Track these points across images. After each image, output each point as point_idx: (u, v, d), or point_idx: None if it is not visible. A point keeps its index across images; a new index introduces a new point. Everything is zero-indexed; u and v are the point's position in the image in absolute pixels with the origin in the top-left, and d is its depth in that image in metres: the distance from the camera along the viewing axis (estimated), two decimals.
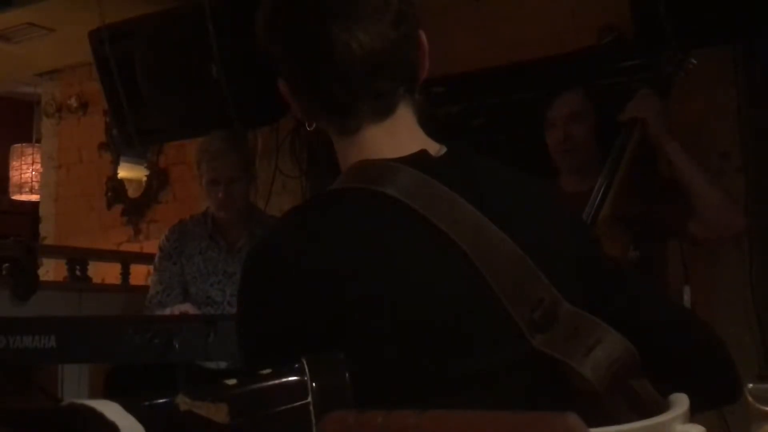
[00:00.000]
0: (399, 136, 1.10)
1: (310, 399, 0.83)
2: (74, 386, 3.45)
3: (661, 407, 0.96)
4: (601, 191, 2.31)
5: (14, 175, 6.01)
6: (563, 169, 2.53)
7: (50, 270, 4.86)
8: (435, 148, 1.11)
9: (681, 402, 0.95)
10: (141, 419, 0.76)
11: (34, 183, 5.90)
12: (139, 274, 4.13)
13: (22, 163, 5.97)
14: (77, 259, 4.09)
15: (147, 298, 3.00)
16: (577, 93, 2.51)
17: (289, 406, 0.83)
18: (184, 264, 2.96)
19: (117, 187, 5.28)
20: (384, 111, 1.09)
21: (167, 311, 2.75)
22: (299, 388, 0.84)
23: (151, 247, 3.97)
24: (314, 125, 1.14)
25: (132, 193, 5.23)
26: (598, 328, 0.97)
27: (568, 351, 0.96)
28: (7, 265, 3.67)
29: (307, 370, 0.85)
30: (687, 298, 2.88)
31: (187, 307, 2.75)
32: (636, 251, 2.30)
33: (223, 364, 2.68)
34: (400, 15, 1.07)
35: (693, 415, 0.94)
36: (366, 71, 1.06)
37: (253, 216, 3.01)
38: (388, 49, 1.06)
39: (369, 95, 1.08)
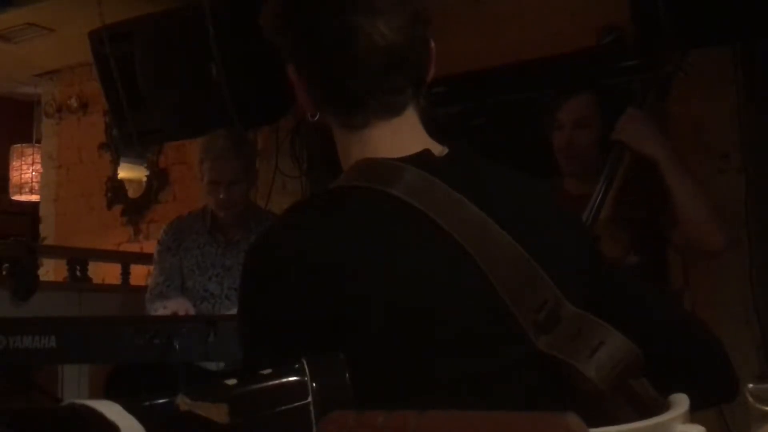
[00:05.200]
0: (403, 135, 1.10)
1: (310, 399, 0.83)
2: (74, 386, 3.45)
3: (661, 407, 0.96)
4: (601, 193, 2.30)
5: (14, 176, 6.00)
6: (566, 172, 2.51)
7: (50, 270, 4.86)
8: (438, 149, 1.11)
9: (681, 402, 0.95)
10: (141, 419, 0.76)
11: (34, 183, 5.89)
12: (139, 274, 4.13)
13: (22, 163, 5.96)
14: (77, 259, 4.09)
15: (148, 290, 3.01)
16: (586, 97, 2.47)
17: (289, 406, 0.83)
18: (182, 257, 2.97)
19: (117, 187, 5.27)
20: (393, 109, 1.09)
21: (162, 307, 2.74)
22: (299, 388, 0.84)
23: (151, 247, 3.96)
24: (317, 117, 1.12)
25: (132, 193, 5.23)
26: (602, 330, 0.97)
27: (572, 352, 0.96)
28: (7, 265, 3.67)
29: (307, 370, 0.85)
30: (687, 299, 2.88)
31: (183, 305, 2.74)
32: (636, 254, 2.30)
33: (223, 365, 2.68)
34: (416, 15, 1.08)
35: (692, 414, 0.94)
36: (384, 65, 1.06)
37: (251, 213, 3.02)
38: (407, 45, 1.07)
39: (382, 90, 1.08)
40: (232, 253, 2.93)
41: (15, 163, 5.99)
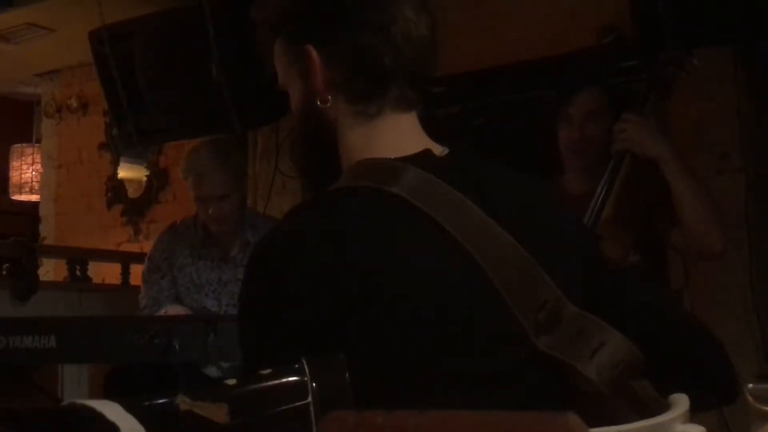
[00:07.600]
0: (407, 133, 1.11)
1: (310, 399, 0.83)
2: (74, 386, 3.46)
3: (662, 407, 0.96)
4: (602, 194, 2.30)
5: (14, 175, 6.01)
6: (570, 168, 2.50)
7: (50, 270, 4.87)
8: (438, 149, 1.11)
9: (681, 402, 0.95)
10: (141, 419, 0.76)
11: (34, 183, 5.90)
12: (139, 274, 4.10)
13: (22, 163, 5.97)
14: (77, 259, 4.10)
15: (139, 304, 2.96)
16: (596, 90, 2.46)
17: (289, 406, 0.83)
18: (176, 275, 2.87)
19: (117, 187, 5.28)
20: (407, 103, 1.11)
21: (162, 311, 2.72)
22: (299, 388, 0.84)
23: (150, 247, 3.97)
24: (329, 103, 1.11)
25: (132, 193, 5.23)
26: (603, 330, 0.97)
27: (572, 353, 0.96)
28: (7, 265, 3.67)
29: (307, 370, 0.84)
30: (687, 299, 2.88)
31: (179, 309, 2.72)
32: (636, 255, 2.30)
33: (224, 367, 2.67)
34: (435, 19, 1.12)
35: (692, 415, 0.94)
36: (415, 56, 1.09)
37: (247, 223, 2.90)
38: (433, 44, 1.11)
39: (406, 81, 1.10)
40: (228, 267, 2.84)
41: (15, 163, 6.00)
